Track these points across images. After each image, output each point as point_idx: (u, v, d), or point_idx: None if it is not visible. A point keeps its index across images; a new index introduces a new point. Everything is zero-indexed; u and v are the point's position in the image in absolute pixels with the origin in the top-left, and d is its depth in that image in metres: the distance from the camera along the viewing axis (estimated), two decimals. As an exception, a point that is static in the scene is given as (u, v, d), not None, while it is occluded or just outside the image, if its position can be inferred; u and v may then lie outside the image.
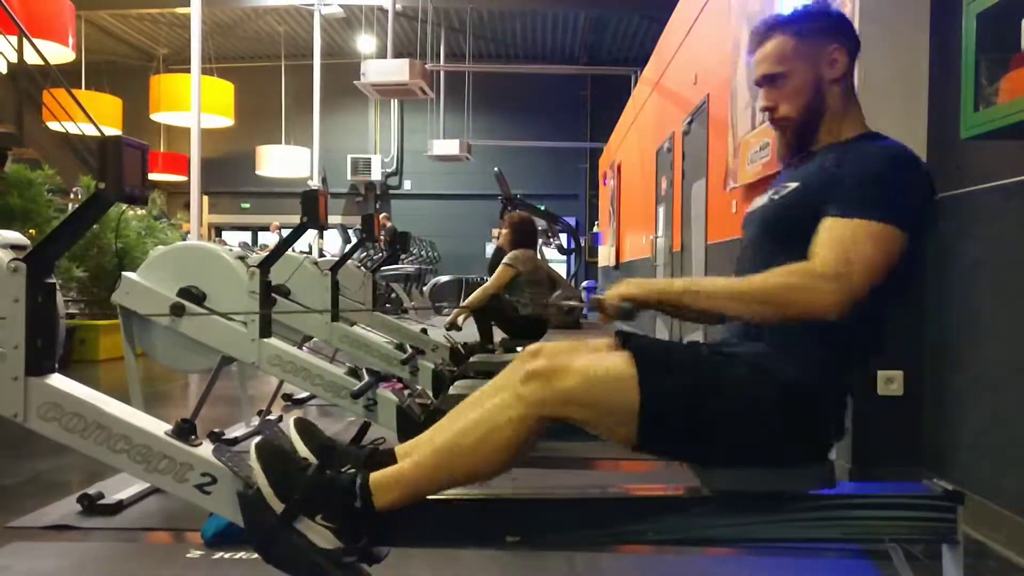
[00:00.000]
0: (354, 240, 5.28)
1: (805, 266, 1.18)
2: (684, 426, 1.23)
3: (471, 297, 4.64)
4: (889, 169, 1.23)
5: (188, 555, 1.92)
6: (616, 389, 1.21)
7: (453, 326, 4.15)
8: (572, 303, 3.71)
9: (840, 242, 1.18)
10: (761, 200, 1.44)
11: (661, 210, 6.77)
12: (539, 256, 4.02)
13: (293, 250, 3.18)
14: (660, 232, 6.82)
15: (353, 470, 1.27)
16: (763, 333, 1.28)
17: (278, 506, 1.26)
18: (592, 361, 1.24)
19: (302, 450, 1.37)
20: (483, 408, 1.26)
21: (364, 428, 1.38)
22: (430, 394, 3.02)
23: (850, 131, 1.37)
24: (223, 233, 15.88)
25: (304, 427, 1.42)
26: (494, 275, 4.07)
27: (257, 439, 1.33)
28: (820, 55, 1.34)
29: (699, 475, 1.30)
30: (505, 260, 3.96)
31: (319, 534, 1.24)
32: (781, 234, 1.31)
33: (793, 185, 1.33)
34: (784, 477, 1.26)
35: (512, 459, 1.25)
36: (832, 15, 1.40)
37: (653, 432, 1.23)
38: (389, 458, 1.35)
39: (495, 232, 7.47)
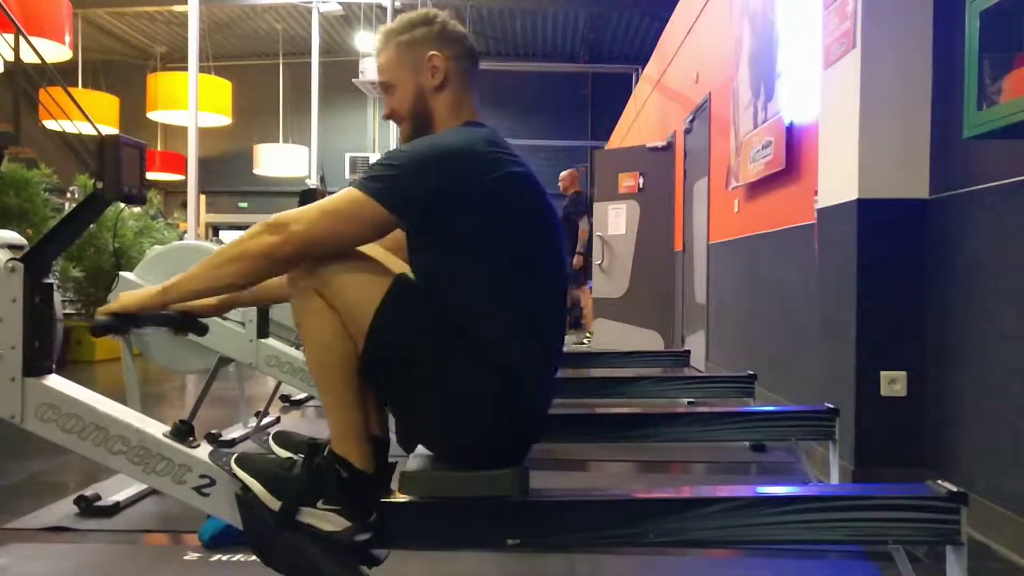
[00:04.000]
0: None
1: (264, 220, 1.26)
2: (399, 361, 1.27)
3: None
4: (399, 153, 1.29)
5: (185, 557, 1.90)
6: (366, 294, 1.26)
7: None
8: None
9: (317, 203, 1.27)
10: None
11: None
12: None
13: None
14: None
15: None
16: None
17: (275, 504, 1.26)
18: (361, 257, 1.29)
19: (287, 456, 1.40)
20: (296, 319, 1.33)
21: None
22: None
23: None
24: (220, 232, 15.86)
25: (283, 438, 1.52)
26: None
27: (234, 455, 1.35)
28: (420, 64, 1.39)
29: (400, 478, 1.32)
30: None
31: (326, 519, 1.26)
32: None
33: None
34: (479, 481, 1.30)
35: (339, 323, 1.27)
36: (430, 23, 1.41)
37: (375, 352, 1.27)
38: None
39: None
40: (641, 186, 6.52)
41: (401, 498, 1.32)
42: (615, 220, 6.64)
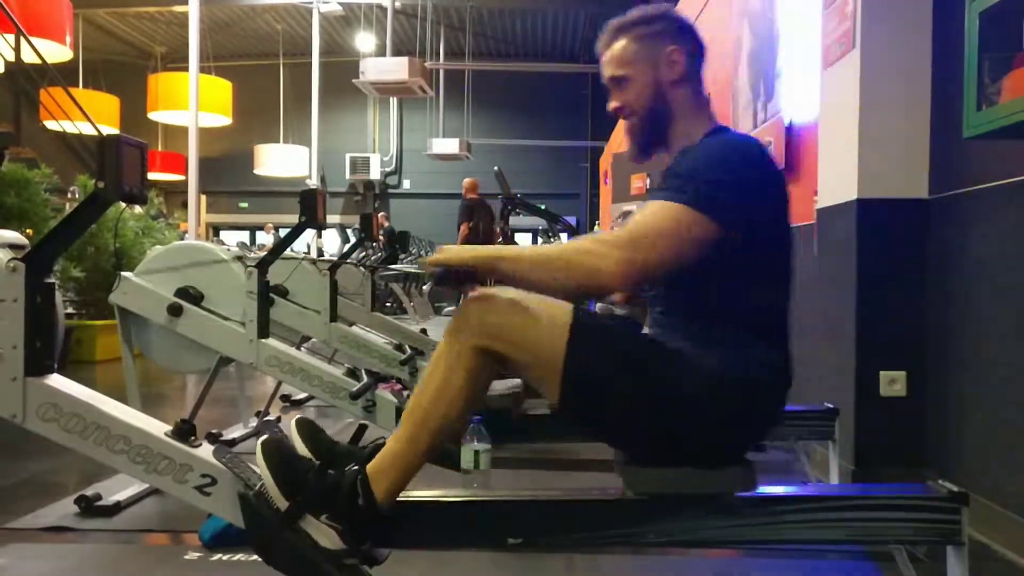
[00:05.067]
0: (353, 240, 5.27)
1: (602, 235, 1.23)
2: (604, 397, 1.25)
3: None
4: (713, 159, 1.27)
5: (186, 557, 1.91)
6: (546, 336, 1.23)
7: None
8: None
9: (642, 218, 1.23)
10: None
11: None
12: None
13: (292, 250, 3.16)
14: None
15: (356, 467, 1.27)
16: (684, 329, 1.30)
17: (283, 503, 1.25)
18: (526, 299, 1.25)
19: (302, 450, 1.37)
20: (435, 360, 1.29)
21: (361, 430, 1.38)
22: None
23: (701, 131, 1.39)
24: (221, 233, 15.86)
25: (306, 428, 1.42)
26: None
27: (263, 437, 1.32)
28: (659, 57, 1.39)
29: (622, 474, 1.32)
30: None
31: (324, 534, 1.24)
32: None
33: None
34: (706, 479, 1.27)
35: (474, 397, 1.26)
36: (669, 18, 1.43)
37: (573, 394, 1.24)
38: None
39: (495, 232, 7.47)
40: (648, 187, 6.55)
41: (402, 497, 1.32)
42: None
